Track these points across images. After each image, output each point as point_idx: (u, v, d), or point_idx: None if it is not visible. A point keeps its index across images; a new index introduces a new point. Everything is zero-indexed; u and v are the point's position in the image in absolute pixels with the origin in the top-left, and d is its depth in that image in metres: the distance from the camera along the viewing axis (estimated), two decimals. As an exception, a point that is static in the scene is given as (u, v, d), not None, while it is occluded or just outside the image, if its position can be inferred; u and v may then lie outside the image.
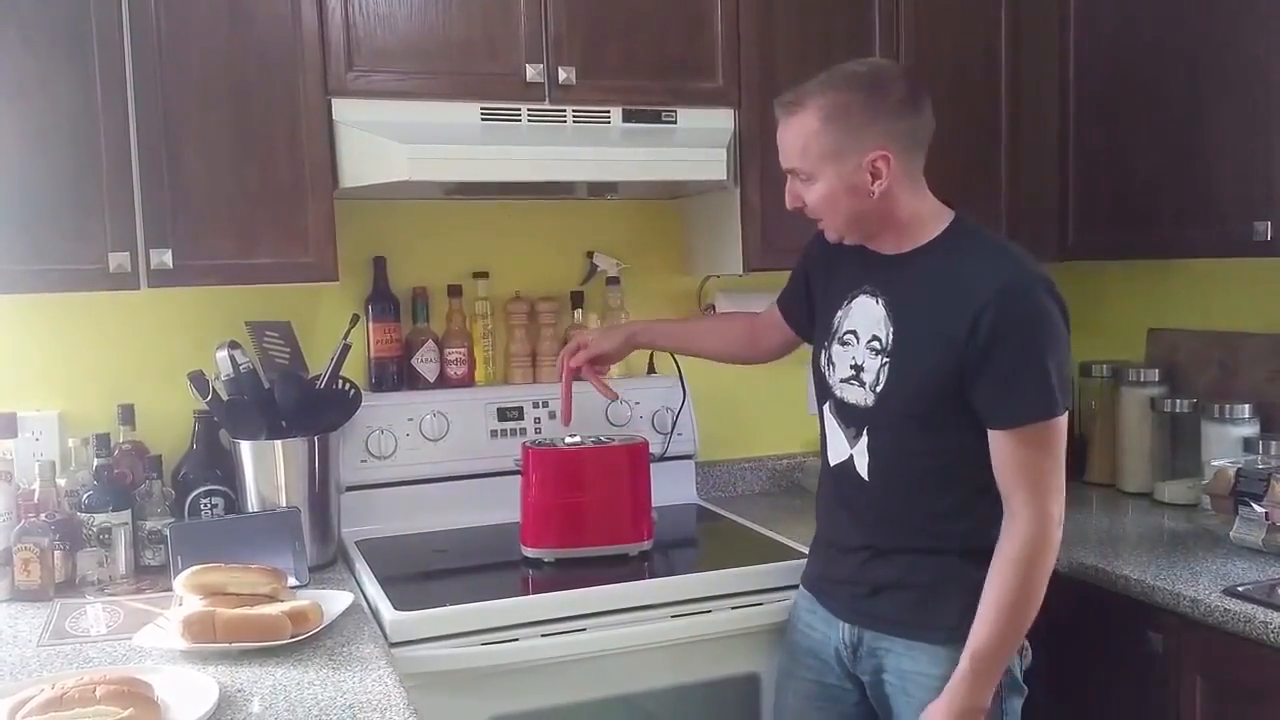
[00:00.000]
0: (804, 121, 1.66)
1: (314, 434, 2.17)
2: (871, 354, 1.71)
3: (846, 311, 1.78)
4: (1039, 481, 1.61)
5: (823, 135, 1.64)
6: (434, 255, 2.53)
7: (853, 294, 1.77)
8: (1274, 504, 2.10)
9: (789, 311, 2.01)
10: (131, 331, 2.31)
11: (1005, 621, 1.61)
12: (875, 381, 1.70)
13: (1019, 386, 1.59)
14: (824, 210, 1.70)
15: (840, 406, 1.78)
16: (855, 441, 1.75)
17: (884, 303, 1.71)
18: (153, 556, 2.11)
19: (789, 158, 1.70)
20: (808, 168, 1.67)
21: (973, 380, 1.61)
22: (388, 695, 1.51)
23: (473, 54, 2.16)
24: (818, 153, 1.65)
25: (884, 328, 1.70)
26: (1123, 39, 2.47)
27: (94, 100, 1.94)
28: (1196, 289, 2.67)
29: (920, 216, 1.70)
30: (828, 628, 1.82)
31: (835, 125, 1.63)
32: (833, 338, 1.79)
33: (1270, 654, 1.74)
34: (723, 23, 2.33)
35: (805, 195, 1.70)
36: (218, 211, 2.03)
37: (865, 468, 1.74)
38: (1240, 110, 2.19)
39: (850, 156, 1.64)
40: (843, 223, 1.71)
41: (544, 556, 2.16)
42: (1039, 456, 1.61)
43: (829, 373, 1.80)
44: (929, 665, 1.68)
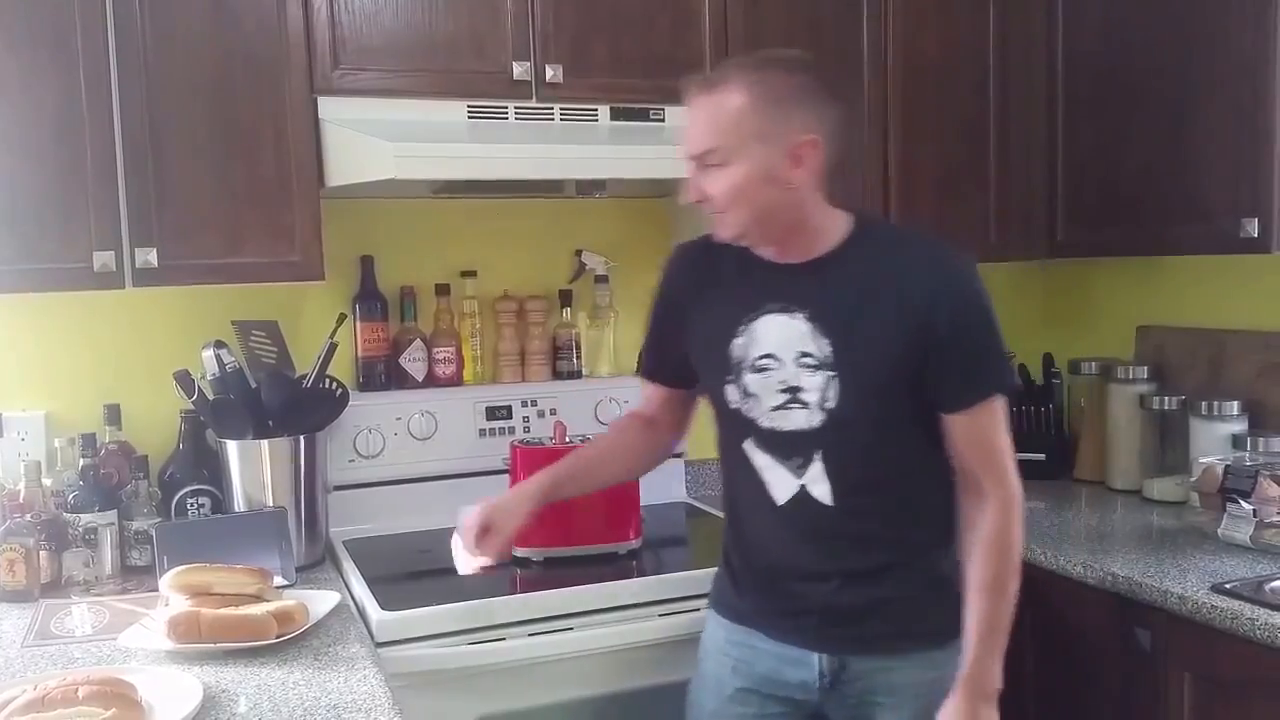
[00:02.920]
0: (727, 98, 1.52)
1: (301, 433, 2.16)
2: (809, 371, 1.59)
3: (749, 337, 1.63)
4: (1002, 457, 1.62)
5: (750, 112, 1.51)
6: (421, 254, 2.52)
7: (750, 317, 1.62)
8: (1262, 501, 2.10)
9: (667, 377, 1.81)
10: (117, 331, 2.30)
11: (999, 600, 1.60)
12: (823, 399, 1.59)
13: (983, 366, 1.60)
14: (733, 201, 1.54)
15: (772, 438, 1.64)
16: (804, 470, 1.63)
17: (805, 316, 1.59)
18: (139, 557, 2.10)
19: (704, 138, 1.53)
20: (727, 149, 1.52)
21: (936, 370, 1.57)
22: (373, 695, 1.51)
23: (459, 52, 2.16)
24: (743, 132, 1.51)
25: (813, 342, 1.59)
26: (1110, 36, 2.47)
27: (78, 98, 1.93)
28: (1185, 286, 2.67)
29: (825, 219, 1.62)
30: (784, 663, 1.69)
31: (766, 102, 1.51)
32: (739, 369, 1.64)
33: (1258, 650, 1.74)
34: (710, 20, 2.33)
35: (712, 185, 1.54)
36: (203, 210, 2.03)
37: (827, 493, 1.62)
38: (1228, 107, 2.19)
39: (778, 139, 1.52)
40: (749, 218, 1.56)
41: (532, 555, 2.15)
42: (998, 431, 1.62)
43: (748, 406, 1.64)
44: (922, 671, 1.65)
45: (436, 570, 2.15)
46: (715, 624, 1.79)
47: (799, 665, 1.68)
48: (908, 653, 1.65)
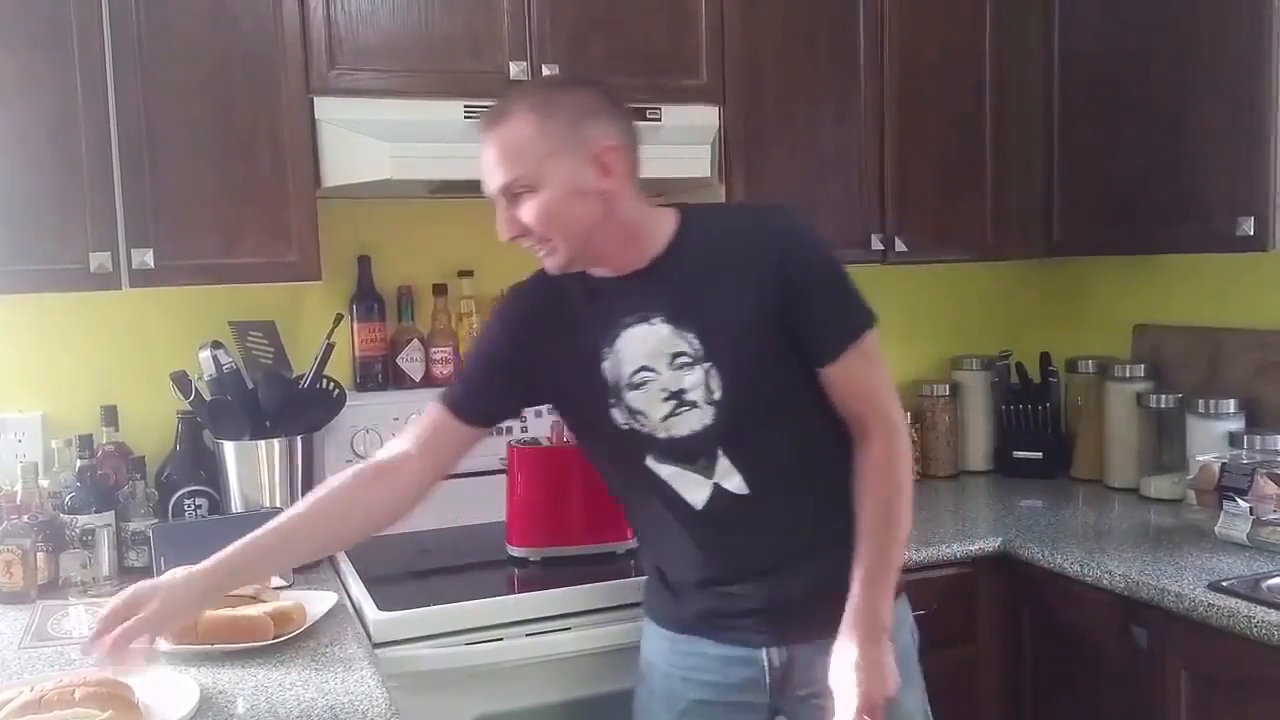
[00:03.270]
0: (515, 127, 1.49)
1: (298, 434, 2.16)
2: (686, 369, 1.57)
3: (616, 357, 1.59)
4: (880, 393, 1.62)
5: (541, 134, 1.48)
6: (418, 254, 2.52)
7: (610, 337, 1.59)
8: (1259, 499, 2.10)
9: (475, 414, 1.69)
10: (114, 332, 2.29)
11: (887, 533, 1.59)
12: (708, 393, 1.56)
13: (841, 308, 1.59)
14: (552, 225, 1.50)
15: (672, 447, 1.60)
16: (711, 470, 1.60)
17: (663, 319, 1.57)
18: (136, 558, 2.10)
19: (504, 170, 1.49)
20: (529, 174, 1.48)
21: (801, 326, 1.56)
22: (370, 696, 1.51)
23: (455, 52, 2.15)
24: (540, 154, 1.48)
25: (681, 340, 1.56)
26: (1106, 35, 2.47)
27: (74, 99, 1.93)
28: (1182, 285, 2.67)
29: (651, 221, 1.59)
30: (733, 665, 1.66)
31: (553, 121, 1.49)
32: (617, 390, 1.60)
33: (1254, 648, 1.75)
34: (706, 19, 2.33)
35: (526, 214, 1.50)
36: (199, 211, 2.02)
37: (740, 483, 1.60)
38: (1224, 107, 2.19)
39: (577, 152, 1.49)
40: (574, 239, 1.52)
41: (529, 556, 2.15)
42: (873, 367, 1.61)
43: (640, 424, 1.60)
44: None
45: (433, 570, 2.17)
46: (657, 635, 1.76)
47: (747, 665, 1.66)
48: None
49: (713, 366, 1.56)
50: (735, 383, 1.57)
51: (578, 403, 1.68)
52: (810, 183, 2.47)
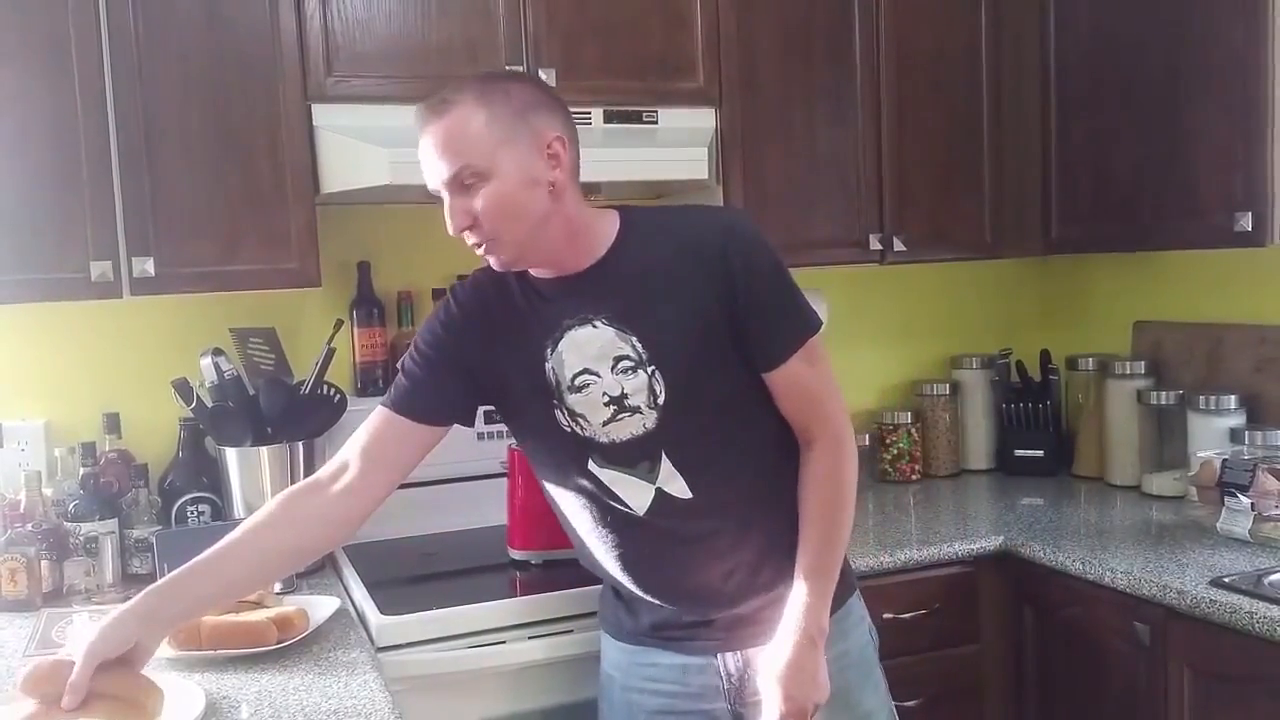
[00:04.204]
0: (464, 114, 1.45)
1: (299, 440, 2.17)
2: (628, 374, 1.54)
3: (558, 360, 1.56)
4: (826, 398, 1.60)
5: (491, 122, 1.45)
6: (418, 259, 2.52)
7: (553, 339, 1.56)
8: (1260, 494, 2.11)
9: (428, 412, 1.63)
10: (115, 340, 2.30)
11: (827, 539, 1.58)
12: (652, 397, 1.54)
13: (785, 311, 1.57)
14: (502, 216, 1.47)
15: (612, 451, 1.57)
16: (654, 474, 1.57)
17: (605, 321, 1.54)
18: (140, 565, 2.11)
19: (453, 158, 1.45)
20: (481, 161, 1.44)
21: (744, 326, 1.54)
22: (373, 700, 1.51)
23: (452, 57, 2.16)
24: (491, 142, 1.44)
25: (624, 344, 1.54)
26: (1102, 32, 2.47)
27: (73, 108, 1.94)
28: (1181, 281, 2.67)
29: (593, 220, 1.57)
30: (690, 674, 1.65)
31: (501, 109, 1.46)
32: (559, 392, 1.57)
33: (1256, 644, 1.75)
34: (702, 22, 2.33)
35: (477, 203, 1.46)
36: (199, 218, 2.03)
37: (683, 487, 1.57)
38: (1220, 102, 2.19)
39: (525, 139, 1.46)
40: (523, 234, 1.49)
41: (531, 558, 2.15)
42: (818, 372, 1.59)
43: (580, 428, 1.57)
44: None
45: (435, 574, 2.17)
46: (614, 648, 1.74)
47: (704, 673, 1.64)
48: None
49: (656, 370, 1.54)
50: (679, 387, 1.54)
51: (522, 403, 1.63)
52: (808, 183, 2.48)
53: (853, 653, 1.66)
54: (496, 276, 1.61)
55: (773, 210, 2.38)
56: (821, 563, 1.57)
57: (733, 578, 1.61)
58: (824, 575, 1.57)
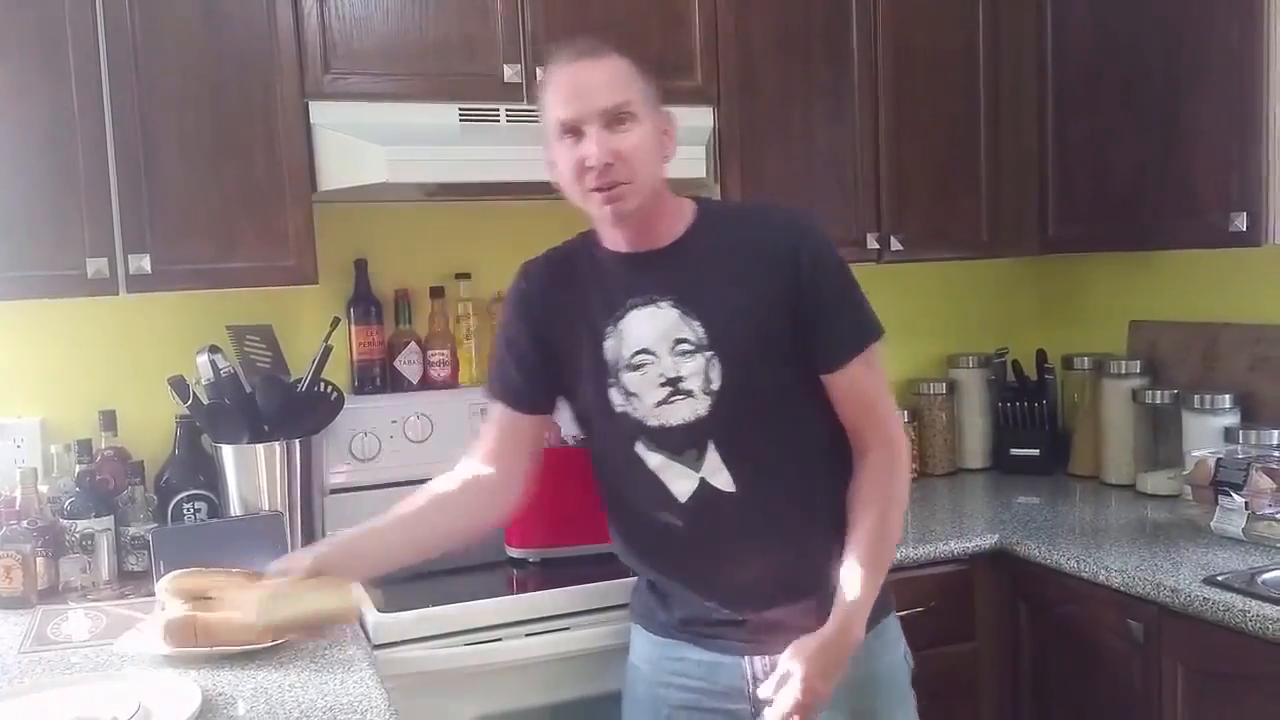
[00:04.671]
0: (620, 61, 1.53)
1: (296, 437, 2.17)
2: (686, 357, 1.56)
3: (619, 337, 1.59)
4: (883, 406, 1.62)
5: (641, 77, 1.53)
6: (415, 257, 2.53)
7: (616, 317, 1.59)
8: (1254, 493, 2.11)
9: (531, 400, 1.69)
10: (112, 337, 2.30)
11: (881, 546, 1.58)
12: (706, 382, 1.55)
13: (851, 314, 1.59)
14: (644, 160, 1.51)
15: (662, 435, 1.59)
16: (700, 462, 1.58)
17: (671, 303, 1.57)
18: (135, 562, 2.10)
19: (614, 92, 1.49)
20: (636, 104, 1.50)
21: (809, 325, 1.56)
22: (369, 697, 1.51)
23: (450, 55, 2.16)
24: (642, 92, 1.52)
25: (686, 327, 1.56)
26: (1100, 33, 2.48)
27: (70, 105, 1.94)
28: (1177, 281, 2.68)
29: (675, 203, 1.62)
30: (716, 671, 1.65)
31: (645, 73, 1.54)
32: (615, 370, 1.59)
33: (1249, 642, 1.75)
34: (700, 21, 2.33)
35: (623, 142, 1.49)
36: (196, 216, 2.03)
37: (728, 480, 1.58)
38: (1217, 102, 2.20)
39: (655, 108, 1.55)
40: (647, 184, 1.53)
41: (528, 556, 2.16)
42: (877, 378, 1.62)
43: (633, 408, 1.59)
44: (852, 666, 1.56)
45: (432, 572, 2.16)
46: (643, 640, 1.75)
47: (730, 672, 1.64)
48: None
49: (714, 356, 1.55)
50: (735, 375, 1.55)
51: (580, 381, 1.65)
52: (805, 182, 2.48)
53: (884, 675, 1.65)
54: (563, 255, 1.69)
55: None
56: (872, 569, 1.57)
57: (766, 579, 1.61)
58: (873, 580, 1.57)
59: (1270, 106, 2.10)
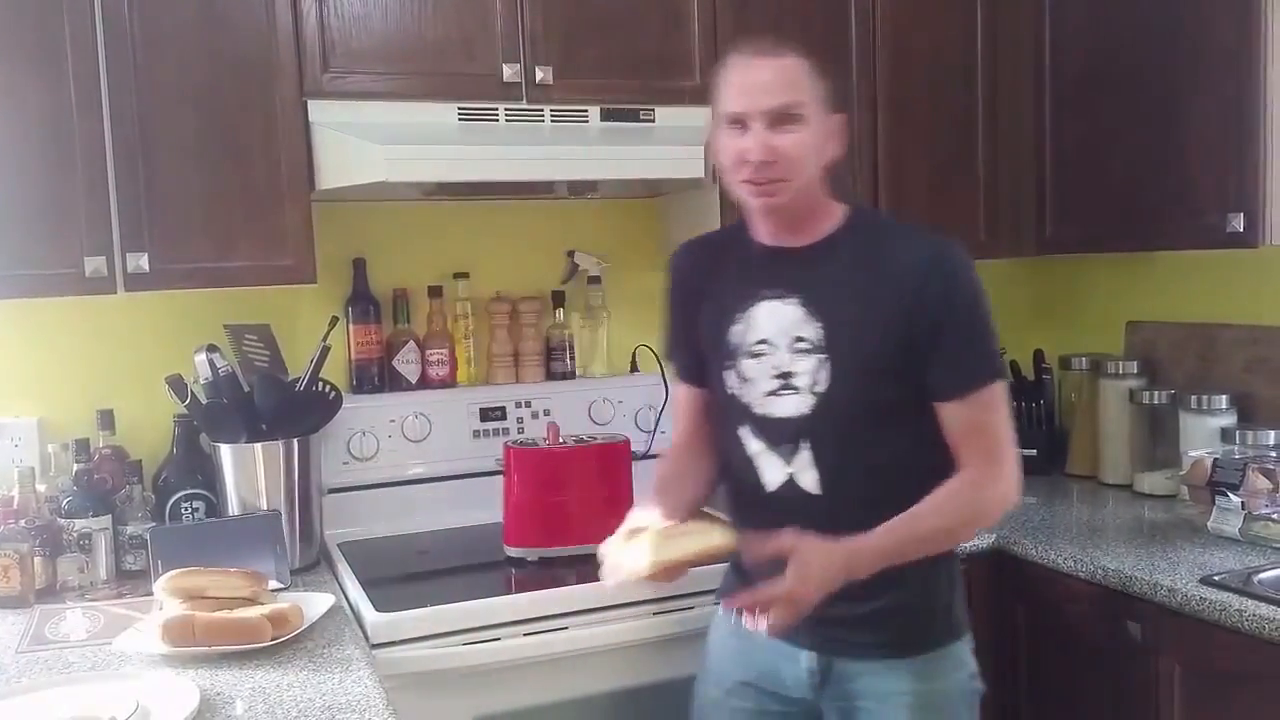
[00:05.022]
0: (797, 62, 1.58)
1: (294, 437, 2.17)
2: (801, 355, 1.62)
3: (747, 324, 1.66)
4: (999, 444, 1.61)
5: (817, 79, 1.60)
6: (414, 256, 2.53)
7: (747, 305, 1.66)
8: (1250, 493, 2.12)
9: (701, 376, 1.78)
10: (110, 336, 2.30)
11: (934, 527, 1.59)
12: (813, 383, 1.61)
13: (973, 351, 1.61)
14: (800, 162, 1.57)
15: (765, 424, 1.65)
16: (793, 457, 1.63)
17: (799, 302, 1.62)
18: (133, 561, 2.10)
19: (785, 92, 1.55)
20: (805, 106, 1.56)
21: (925, 353, 1.58)
22: (368, 696, 1.51)
23: (449, 54, 2.16)
24: (814, 93, 1.58)
25: (808, 327, 1.61)
26: (1097, 33, 2.48)
27: (68, 104, 1.93)
28: (1174, 282, 2.68)
29: (824, 203, 1.67)
30: (778, 657, 1.69)
31: (823, 75, 1.61)
32: (736, 354, 1.67)
33: (1246, 641, 1.76)
34: (699, 20, 2.33)
35: (783, 141, 1.56)
36: (194, 215, 2.03)
37: (814, 482, 1.63)
38: (1214, 104, 2.20)
39: (827, 109, 1.61)
40: (803, 184, 1.60)
41: (527, 556, 2.16)
42: (996, 419, 1.61)
43: (743, 392, 1.67)
44: (911, 681, 1.63)
45: (431, 571, 2.18)
46: (722, 615, 1.81)
47: (791, 661, 1.69)
48: (893, 660, 1.64)
49: (827, 359, 1.61)
50: (842, 381, 1.60)
51: (707, 360, 1.74)
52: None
53: (939, 695, 1.65)
54: (714, 240, 1.82)
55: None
56: (911, 535, 1.57)
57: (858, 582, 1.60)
58: (904, 542, 1.56)
59: (1267, 107, 2.11)
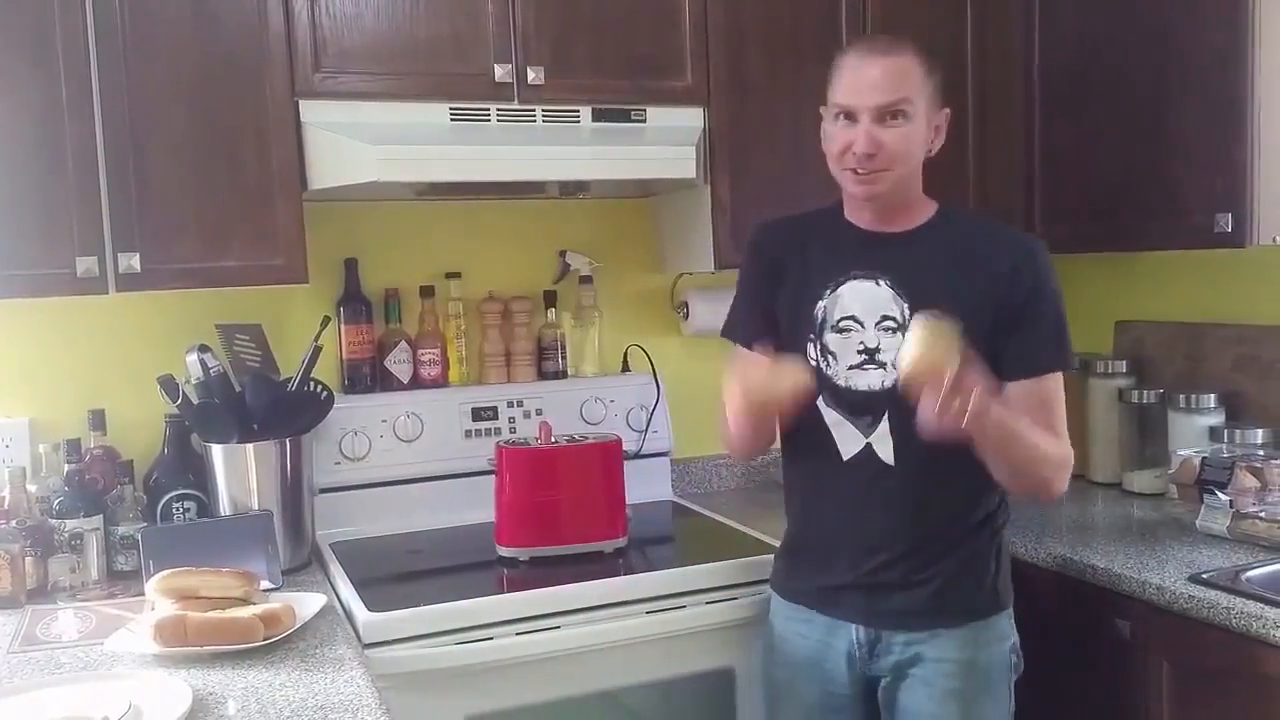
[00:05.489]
0: (908, 61, 1.69)
1: (286, 437, 2.17)
2: (888, 333, 1.73)
3: (833, 300, 1.77)
4: (1061, 421, 1.73)
5: (926, 77, 1.70)
6: (406, 256, 2.53)
7: (837, 281, 1.77)
8: (1238, 492, 2.13)
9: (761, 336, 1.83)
10: (101, 336, 2.30)
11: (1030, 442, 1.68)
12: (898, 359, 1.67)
13: (1047, 338, 1.72)
14: (902, 156, 1.69)
15: (846, 396, 1.76)
16: (872, 429, 1.75)
17: (888, 283, 1.74)
18: (125, 562, 2.10)
19: (896, 89, 1.67)
20: (913, 104, 1.68)
21: (1006, 338, 1.70)
22: (360, 695, 1.52)
23: (441, 54, 2.16)
24: (924, 92, 1.70)
25: (895, 307, 1.73)
26: (1086, 35, 2.49)
27: (59, 103, 1.93)
28: (1163, 281, 2.70)
29: (921, 194, 1.79)
30: (830, 635, 1.82)
31: (932, 73, 1.71)
32: (821, 328, 1.78)
33: (1234, 639, 1.77)
34: (691, 21, 2.34)
35: (892, 136, 1.68)
36: (186, 214, 2.03)
37: (890, 452, 1.74)
38: (1202, 105, 2.21)
39: (935, 107, 1.73)
40: (899, 176, 1.72)
41: (519, 555, 2.16)
42: (1058, 400, 1.73)
43: (826, 364, 1.78)
44: (954, 651, 1.75)
45: (423, 571, 2.18)
46: (776, 602, 1.92)
47: (841, 638, 1.80)
48: (939, 630, 1.74)
49: None
50: None
51: (785, 330, 1.83)
52: (795, 182, 2.46)
53: (980, 663, 1.76)
54: (799, 220, 1.90)
55: (760, 208, 2.38)
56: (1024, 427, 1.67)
57: (892, 553, 1.75)
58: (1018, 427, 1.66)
59: (1254, 109, 2.12)
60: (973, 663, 1.75)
